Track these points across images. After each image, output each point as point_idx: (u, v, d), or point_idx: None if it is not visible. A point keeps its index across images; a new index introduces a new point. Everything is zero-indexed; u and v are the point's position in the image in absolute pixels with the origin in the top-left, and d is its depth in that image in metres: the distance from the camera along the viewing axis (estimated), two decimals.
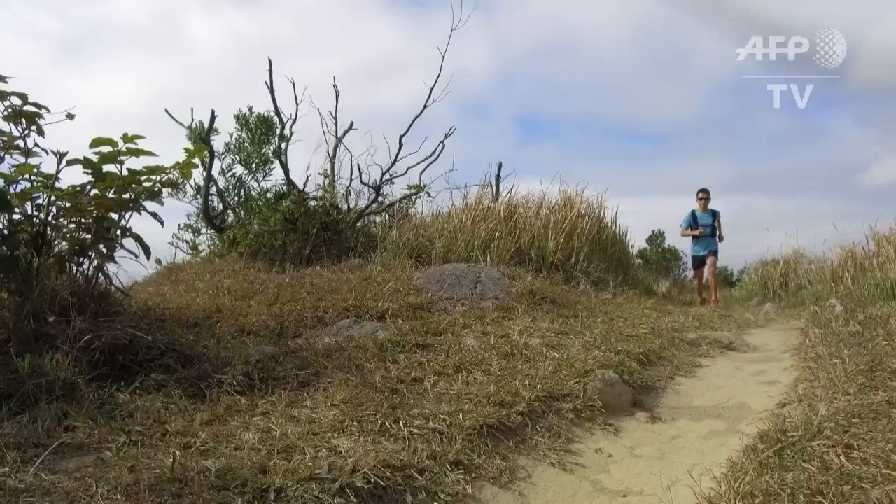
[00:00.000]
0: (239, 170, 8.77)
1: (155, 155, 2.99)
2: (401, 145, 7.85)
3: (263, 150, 8.81)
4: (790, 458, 2.01)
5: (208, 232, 8.26)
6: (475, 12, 8.48)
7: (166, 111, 7.86)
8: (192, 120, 7.99)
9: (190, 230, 8.67)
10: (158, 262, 6.94)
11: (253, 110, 8.91)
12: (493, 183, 8.84)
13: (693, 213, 9.88)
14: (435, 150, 8.03)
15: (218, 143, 8.48)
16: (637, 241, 12.80)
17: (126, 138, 2.90)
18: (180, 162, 3.10)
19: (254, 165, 8.77)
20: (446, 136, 8.06)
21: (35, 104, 3.02)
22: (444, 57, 7.51)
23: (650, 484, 2.31)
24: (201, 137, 7.66)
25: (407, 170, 8.00)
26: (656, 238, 18.82)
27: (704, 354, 4.53)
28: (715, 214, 9.75)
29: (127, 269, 3.26)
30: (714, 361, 4.37)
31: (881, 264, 7.24)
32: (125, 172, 3.03)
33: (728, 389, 3.59)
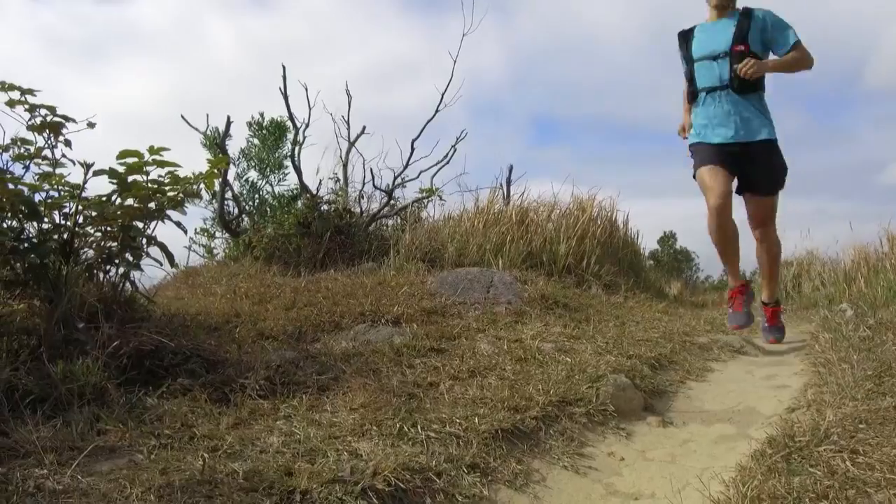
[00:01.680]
0: (253, 175, 8.92)
1: (180, 167, 3.10)
2: (413, 149, 7.96)
3: (277, 155, 8.95)
4: (797, 463, 2.07)
5: (223, 236, 8.40)
6: (491, 16, 8.63)
7: (182, 117, 7.99)
8: (208, 126, 8.14)
9: (205, 234, 8.82)
10: (175, 265, 7.06)
11: (265, 116, 9.07)
12: (504, 186, 8.91)
13: (689, 31, 4.10)
14: (447, 154, 8.13)
15: (233, 147, 8.63)
16: (648, 243, 12.72)
17: (152, 150, 3.00)
18: (203, 173, 3.20)
19: (268, 170, 8.90)
20: (458, 140, 8.16)
21: (63, 116, 3.13)
22: (455, 62, 7.61)
23: (661, 487, 2.37)
24: (216, 143, 7.79)
25: (419, 174, 8.10)
26: (668, 239, 18.84)
27: (715, 358, 4.56)
28: (751, 21, 3.83)
29: (146, 272, 3.38)
30: (725, 366, 4.41)
31: (894, 267, 7.21)
32: (149, 183, 3.14)
33: (738, 394, 3.63)
